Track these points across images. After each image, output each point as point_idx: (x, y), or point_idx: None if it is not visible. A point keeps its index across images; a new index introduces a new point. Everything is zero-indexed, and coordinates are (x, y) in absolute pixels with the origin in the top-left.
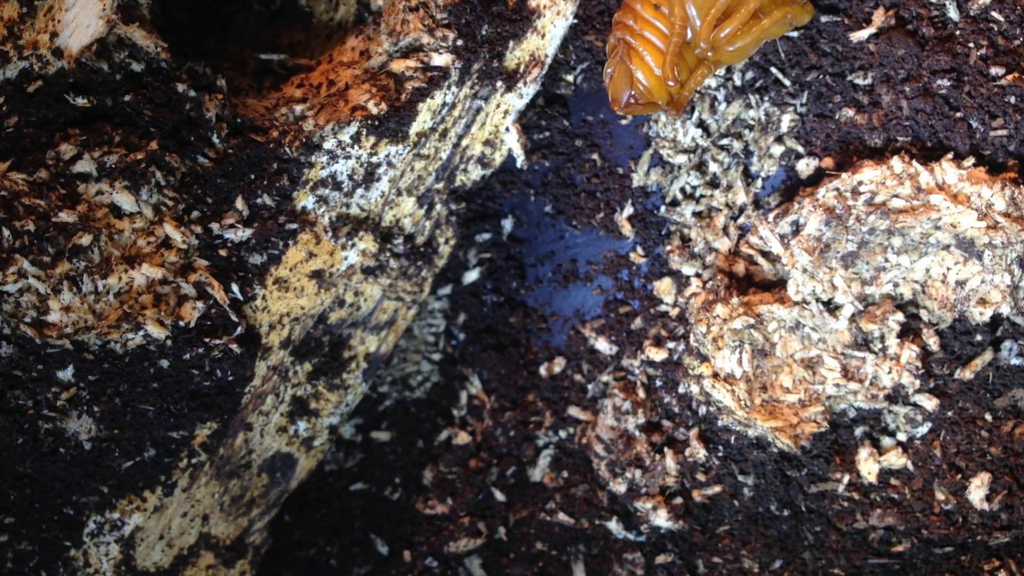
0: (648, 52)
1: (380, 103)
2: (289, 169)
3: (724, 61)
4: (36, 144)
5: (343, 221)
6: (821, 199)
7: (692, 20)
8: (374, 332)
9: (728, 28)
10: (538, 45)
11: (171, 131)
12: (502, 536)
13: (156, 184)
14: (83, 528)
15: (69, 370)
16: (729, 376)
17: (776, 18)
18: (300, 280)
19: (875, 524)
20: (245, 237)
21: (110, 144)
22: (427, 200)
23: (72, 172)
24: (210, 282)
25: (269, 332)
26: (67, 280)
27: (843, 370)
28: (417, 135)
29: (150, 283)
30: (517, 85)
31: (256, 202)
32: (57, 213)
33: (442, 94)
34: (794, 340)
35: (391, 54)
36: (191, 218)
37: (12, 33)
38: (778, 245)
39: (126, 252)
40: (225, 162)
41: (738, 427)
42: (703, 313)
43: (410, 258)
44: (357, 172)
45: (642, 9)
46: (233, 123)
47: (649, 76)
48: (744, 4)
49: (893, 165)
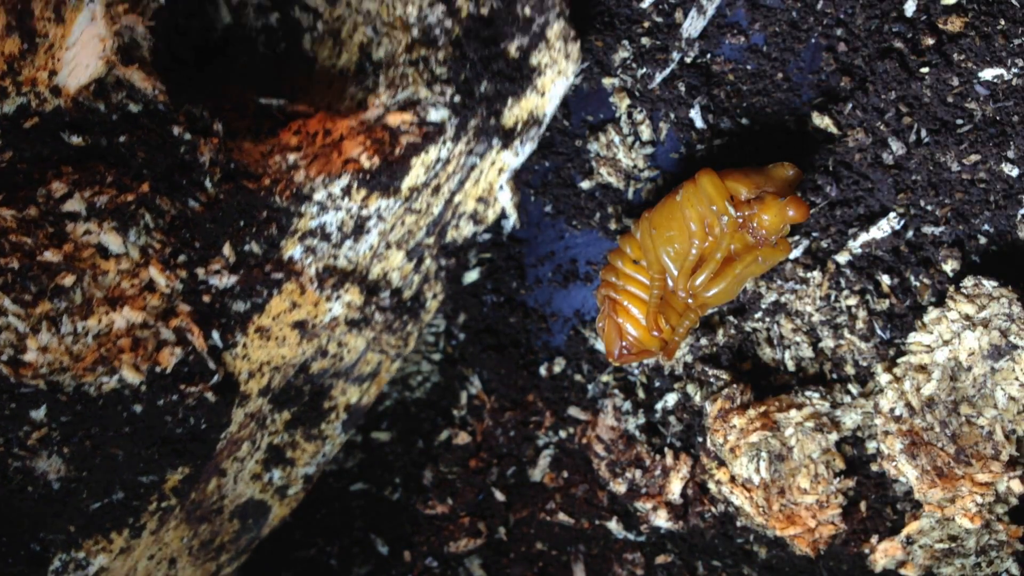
0: (633, 305)
1: (373, 156)
2: (279, 218)
3: (708, 304)
4: (28, 180)
5: (330, 272)
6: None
7: (670, 271)
8: (356, 383)
9: (701, 277)
10: (537, 104)
11: (164, 173)
12: (502, 536)
13: (145, 226)
14: (48, 565)
15: (42, 410)
16: (747, 482)
17: (747, 262)
18: (283, 329)
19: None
20: (230, 284)
21: (102, 184)
22: (417, 254)
23: (62, 211)
24: (191, 328)
25: (248, 380)
26: (47, 320)
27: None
28: (409, 189)
29: (130, 326)
30: (514, 143)
31: (243, 249)
32: (43, 252)
33: (437, 149)
34: (811, 443)
35: (388, 107)
36: (177, 262)
37: (12, 68)
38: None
39: (109, 293)
40: (216, 207)
41: (756, 528)
42: (720, 423)
43: (396, 312)
44: (347, 224)
45: (623, 266)
46: (227, 168)
47: (637, 327)
48: (714, 253)
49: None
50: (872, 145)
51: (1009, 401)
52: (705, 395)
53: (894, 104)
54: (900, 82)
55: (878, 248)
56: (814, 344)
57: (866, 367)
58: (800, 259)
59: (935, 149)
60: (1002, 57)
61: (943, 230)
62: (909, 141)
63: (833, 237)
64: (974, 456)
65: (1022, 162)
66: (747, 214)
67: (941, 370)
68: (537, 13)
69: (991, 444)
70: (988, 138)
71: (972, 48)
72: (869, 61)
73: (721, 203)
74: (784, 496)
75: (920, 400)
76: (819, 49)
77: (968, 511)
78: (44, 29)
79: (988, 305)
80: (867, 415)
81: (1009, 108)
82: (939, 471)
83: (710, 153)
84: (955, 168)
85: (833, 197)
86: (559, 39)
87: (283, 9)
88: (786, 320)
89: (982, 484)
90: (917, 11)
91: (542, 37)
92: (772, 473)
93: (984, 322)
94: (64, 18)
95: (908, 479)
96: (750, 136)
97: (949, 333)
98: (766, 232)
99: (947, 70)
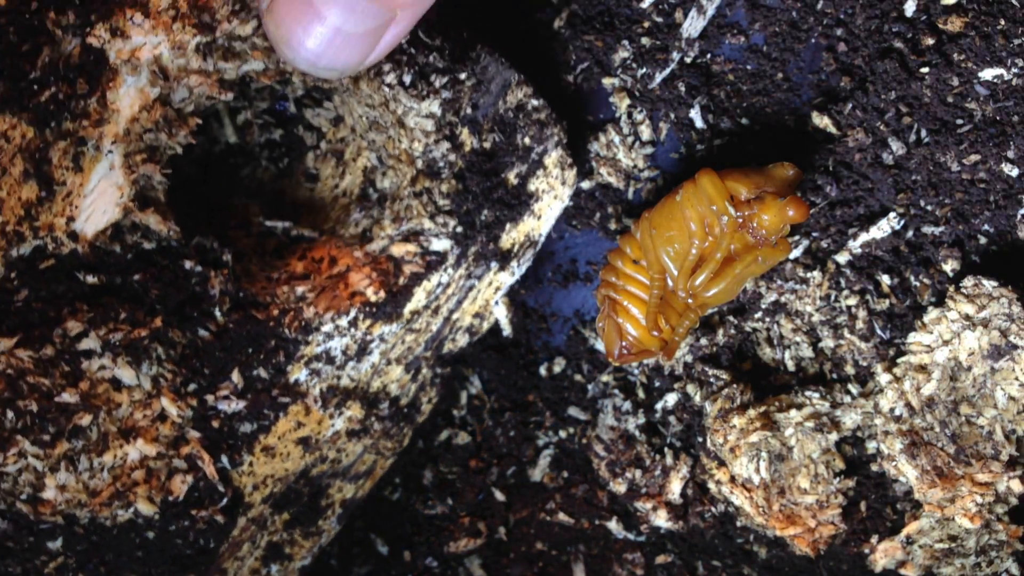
0: (633, 305)
1: (379, 291)
2: (286, 346)
3: (708, 304)
4: (44, 318)
5: (333, 392)
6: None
7: (670, 271)
8: (352, 481)
9: (701, 277)
10: (533, 226)
11: (176, 307)
12: (502, 536)
13: (157, 358)
14: None
15: (59, 541)
16: (747, 482)
17: (747, 262)
18: (287, 447)
19: None
20: (238, 408)
21: (116, 320)
22: (415, 366)
23: (77, 349)
24: (201, 455)
25: (252, 492)
26: (65, 460)
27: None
28: (411, 313)
29: (143, 458)
30: (510, 264)
31: (251, 374)
32: (60, 393)
33: (438, 276)
34: (811, 443)
35: (392, 238)
36: (188, 390)
37: (29, 214)
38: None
39: (123, 425)
40: (225, 336)
41: (756, 528)
42: (720, 423)
43: (394, 420)
44: (351, 348)
45: (623, 266)
46: (236, 298)
47: (637, 327)
48: (714, 253)
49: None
50: (872, 145)
51: (1009, 401)
52: (705, 395)
53: (894, 104)
54: (900, 82)
55: (878, 248)
56: (814, 344)
57: (866, 367)
58: (800, 259)
59: (935, 149)
60: (1002, 57)
61: (943, 230)
62: (909, 141)
63: (833, 237)
64: (974, 456)
65: (1022, 162)
66: (747, 214)
67: (941, 370)
68: (536, 143)
69: (991, 444)
70: (988, 138)
71: (972, 48)
72: (869, 61)
73: (721, 203)
74: (784, 496)
75: (920, 400)
76: (819, 49)
77: (968, 511)
78: (62, 177)
79: (988, 305)
80: (867, 415)
81: (1009, 108)
82: (939, 471)
83: (710, 153)
84: (955, 168)
85: (833, 197)
86: (556, 166)
87: (286, 127)
88: (786, 320)
89: (982, 484)
90: (917, 11)
91: (540, 165)
92: (772, 473)
93: (984, 322)
94: (82, 167)
95: (908, 479)
96: (750, 136)
97: (949, 333)
98: (766, 232)
99: (947, 70)
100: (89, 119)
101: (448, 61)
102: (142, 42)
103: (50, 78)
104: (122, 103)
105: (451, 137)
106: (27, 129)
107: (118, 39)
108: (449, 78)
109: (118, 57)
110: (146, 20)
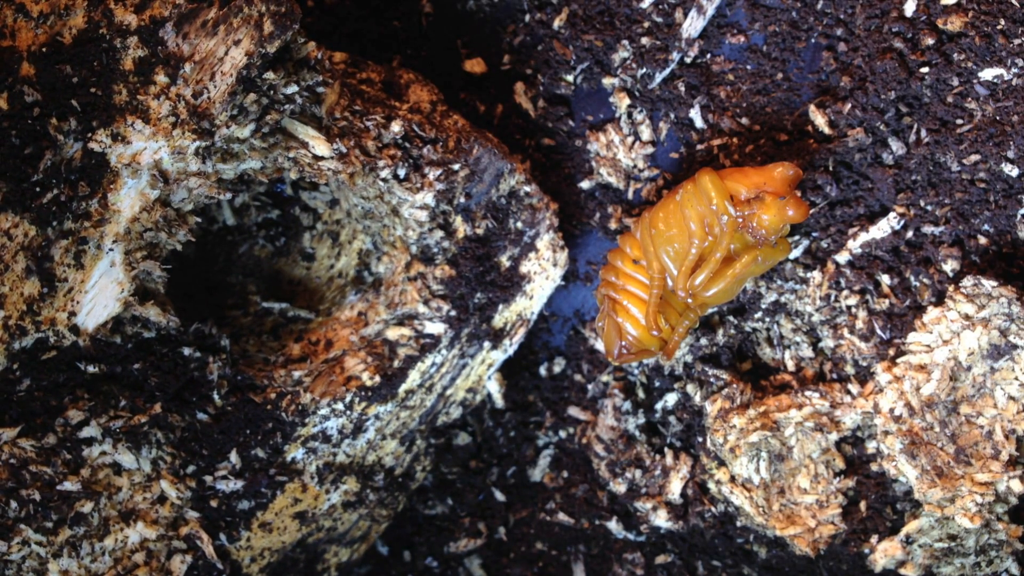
0: (633, 304)
1: (375, 375)
2: (283, 428)
3: (708, 304)
4: (46, 407)
5: (329, 468)
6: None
7: (670, 270)
8: (348, 546)
9: (701, 276)
10: (525, 306)
11: (175, 393)
12: (502, 536)
13: (156, 442)
14: None
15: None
16: (747, 481)
17: (747, 262)
18: (284, 521)
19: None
20: (236, 488)
21: (116, 408)
22: (409, 439)
23: (79, 437)
24: (200, 535)
25: (250, 564)
26: (67, 546)
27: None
28: (406, 392)
29: (143, 540)
30: (503, 342)
31: (249, 455)
32: (62, 481)
33: (432, 357)
34: (811, 443)
35: (388, 322)
36: (187, 472)
37: (31, 309)
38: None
39: (123, 509)
40: (223, 419)
41: (756, 528)
42: (720, 423)
43: (388, 490)
44: (346, 427)
45: (623, 265)
46: (234, 381)
47: (636, 326)
48: (714, 252)
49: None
50: (872, 145)
51: (1009, 401)
52: (705, 395)
53: (894, 104)
54: (900, 82)
55: (878, 248)
56: (814, 344)
57: (866, 367)
58: (800, 259)
59: (935, 149)
60: (1002, 57)
61: (943, 230)
62: (909, 141)
63: (833, 237)
64: (974, 456)
65: (1022, 162)
66: (747, 214)
67: (941, 370)
68: (528, 227)
69: (991, 444)
70: (988, 138)
71: (972, 48)
72: (869, 61)
73: (721, 203)
74: (784, 496)
75: (920, 400)
76: (819, 49)
77: (968, 511)
78: (64, 274)
79: (988, 305)
80: (867, 415)
81: (1009, 108)
82: (939, 471)
83: (710, 153)
84: (955, 168)
85: (833, 197)
86: (548, 248)
87: (283, 207)
88: (786, 320)
89: (982, 484)
90: (917, 11)
91: (532, 248)
92: (772, 473)
93: (984, 322)
94: (84, 264)
95: (908, 479)
96: (750, 136)
97: (949, 333)
98: (766, 232)
99: (947, 70)
100: (90, 219)
101: (442, 153)
102: (143, 147)
103: (52, 180)
104: (123, 204)
105: (445, 225)
106: (29, 228)
107: (119, 144)
108: (443, 170)
109: (119, 161)
110: (147, 127)
